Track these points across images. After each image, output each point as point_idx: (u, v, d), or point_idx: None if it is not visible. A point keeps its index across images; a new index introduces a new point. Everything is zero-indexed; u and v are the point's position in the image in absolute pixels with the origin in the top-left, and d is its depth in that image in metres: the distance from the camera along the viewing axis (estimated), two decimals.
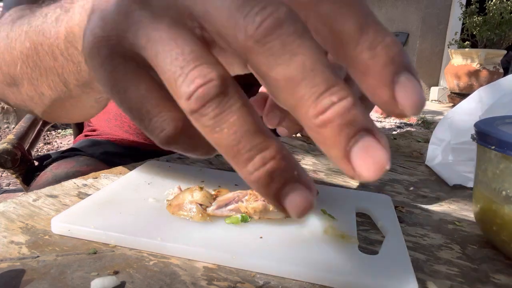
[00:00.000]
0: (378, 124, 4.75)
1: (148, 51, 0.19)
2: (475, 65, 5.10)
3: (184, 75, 0.18)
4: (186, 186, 0.41)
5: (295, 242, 0.35)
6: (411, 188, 0.54)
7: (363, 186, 0.54)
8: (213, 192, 0.40)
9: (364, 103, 0.23)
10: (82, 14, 0.30)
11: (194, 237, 0.35)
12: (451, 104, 5.51)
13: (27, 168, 0.89)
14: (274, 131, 0.35)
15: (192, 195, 0.38)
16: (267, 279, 0.31)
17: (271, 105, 0.35)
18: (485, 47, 5.20)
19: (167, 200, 0.40)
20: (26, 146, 0.92)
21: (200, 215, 0.37)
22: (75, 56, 0.32)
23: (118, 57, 0.20)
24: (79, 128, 1.04)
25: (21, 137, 0.90)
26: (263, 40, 0.17)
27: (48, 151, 3.25)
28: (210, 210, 0.38)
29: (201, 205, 0.38)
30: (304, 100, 0.17)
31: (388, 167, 0.17)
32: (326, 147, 0.18)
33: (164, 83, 0.19)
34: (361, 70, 0.18)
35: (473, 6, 5.14)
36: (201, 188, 0.39)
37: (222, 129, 0.18)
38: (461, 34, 5.46)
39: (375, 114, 5.23)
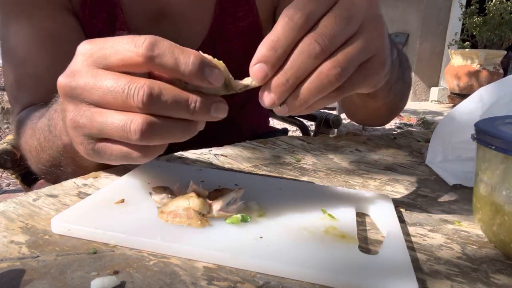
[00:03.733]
0: None
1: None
2: (475, 66, 5.10)
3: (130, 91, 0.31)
4: (186, 186, 0.41)
5: (295, 242, 0.35)
6: (411, 188, 0.54)
7: (363, 186, 0.54)
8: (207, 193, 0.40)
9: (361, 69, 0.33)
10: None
11: (194, 237, 0.35)
12: (451, 105, 5.51)
13: (27, 169, 0.89)
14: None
15: (189, 202, 0.38)
16: (267, 279, 0.31)
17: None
18: (485, 47, 5.20)
19: (158, 208, 0.39)
20: None
21: (199, 222, 0.37)
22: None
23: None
24: None
25: None
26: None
27: None
28: (215, 212, 0.38)
29: (199, 212, 0.37)
30: None
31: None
32: None
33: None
34: None
35: (473, 7, 5.14)
36: (198, 195, 0.39)
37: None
38: (461, 35, 5.46)
39: None
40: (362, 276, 0.31)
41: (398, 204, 0.48)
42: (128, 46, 0.31)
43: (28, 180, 0.88)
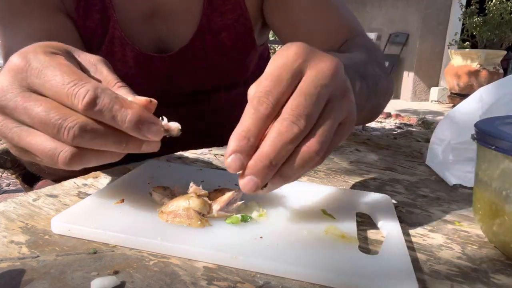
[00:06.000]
0: (378, 124, 4.74)
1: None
2: (475, 66, 5.10)
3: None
4: (186, 186, 0.41)
5: (295, 242, 0.35)
6: (411, 188, 0.54)
7: (363, 186, 0.54)
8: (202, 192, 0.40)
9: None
10: None
11: (194, 237, 0.35)
12: (451, 105, 5.51)
13: (27, 169, 0.89)
14: None
15: (189, 202, 0.38)
16: (267, 279, 0.31)
17: None
18: (485, 47, 5.20)
19: (158, 208, 0.39)
20: None
21: (199, 222, 0.37)
22: None
23: None
24: None
25: None
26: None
27: None
28: (215, 212, 0.38)
29: (199, 212, 0.37)
30: None
31: None
32: None
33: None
34: None
35: (473, 7, 5.14)
36: (198, 195, 0.39)
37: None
38: (461, 35, 5.46)
39: None
40: (362, 276, 0.31)
41: (398, 204, 0.48)
42: (68, 92, 0.31)
43: (29, 180, 0.88)
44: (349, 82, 0.36)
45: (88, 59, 0.37)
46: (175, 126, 0.35)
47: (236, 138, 0.31)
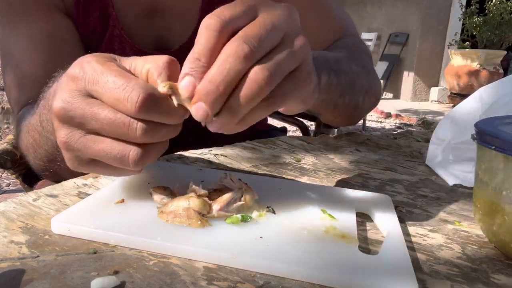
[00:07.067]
0: (378, 124, 4.74)
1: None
2: (475, 66, 5.10)
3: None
4: (186, 186, 0.41)
5: (295, 242, 0.35)
6: (411, 188, 0.54)
7: (363, 186, 0.54)
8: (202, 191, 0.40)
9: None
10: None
11: (194, 237, 0.35)
12: (451, 105, 5.51)
13: (27, 169, 0.89)
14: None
15: (189, 202, 0.38)
16: (267, 279, 0.31)
17: None
18: (485, 47, 5.20)
19: (158, 208, 0.39)
20: None
21: (199, 222, 0.37)
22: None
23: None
24: None
25: None
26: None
27: None
28: (215, 212, 0.38)
29: (199, 212, 0.37)
30: None
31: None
32: None
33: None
34: None
35: (473, 7, 5.14)
36: (198, 195, 0.39)
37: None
38: (461, 35, 5.47)
39: (375, 115, 5.23)
40: (362, 276, 0.31)
41: (398, 204, 0.48)
42: (121, 96, 0.31)
43: (29, 180, 0.88)
44: (304, 32, 0.35)
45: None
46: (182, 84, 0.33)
47: (188, 61, 0.31)
